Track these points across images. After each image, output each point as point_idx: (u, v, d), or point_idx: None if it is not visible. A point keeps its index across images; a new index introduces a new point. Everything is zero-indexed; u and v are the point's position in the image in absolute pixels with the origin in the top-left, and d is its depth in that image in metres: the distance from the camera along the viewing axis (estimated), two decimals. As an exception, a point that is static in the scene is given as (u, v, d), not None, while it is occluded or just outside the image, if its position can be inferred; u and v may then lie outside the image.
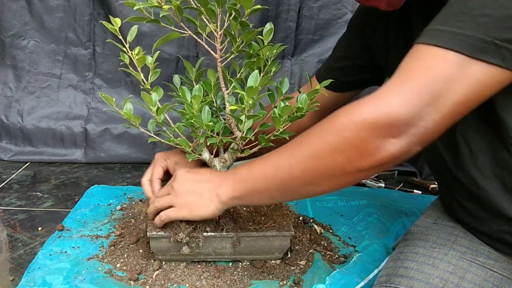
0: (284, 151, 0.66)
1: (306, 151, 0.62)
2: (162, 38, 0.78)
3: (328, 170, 0.60)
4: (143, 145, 1.45)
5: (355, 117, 0.56)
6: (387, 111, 0.54)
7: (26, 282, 0.80)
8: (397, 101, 0.54)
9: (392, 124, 0.54)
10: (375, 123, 0.54)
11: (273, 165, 0.66)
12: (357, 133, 0.56)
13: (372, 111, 0.55)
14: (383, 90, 0.56)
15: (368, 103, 0.57)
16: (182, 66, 1.39)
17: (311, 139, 0.62)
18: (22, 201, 1.17)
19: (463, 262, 0.68)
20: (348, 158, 0.57)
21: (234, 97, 0.86)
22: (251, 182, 0.69)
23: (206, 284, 0.80)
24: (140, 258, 0.87)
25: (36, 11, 1.39)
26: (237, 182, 0.71)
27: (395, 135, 0.54)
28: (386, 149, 0.55)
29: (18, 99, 1.45)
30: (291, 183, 0.64)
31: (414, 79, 0.54)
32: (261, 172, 0.68)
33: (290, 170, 0.63)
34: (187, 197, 0.75)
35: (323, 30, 1.41)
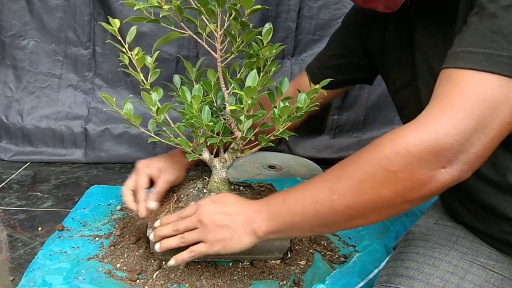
0: (322, 184, 0.62)
1: (348, 186, 0.59)
2: (162, 38, 0.78)
3: (374, 204, 0.58)
4: (143, 145, 1.45)
5: (400, 149, 0.54)
6: (434, 141, 0.52)
7: (26, 282, 0.80)
8: (443, 129, 0.52)
9: (441, 154, 0.52)
10: (424, 154, 0.53)
11: (312, 200, 0.62)
12: (405, 167, 0.54)
13: (418, 141, 0.53)
14: (425, 118, 0.55)
15: (412, 132, 0.55)
16: (182, 66, 1.39)
17: (352, 172, 0.59)
18: (22, 201, 1.17)
19: (464, 262, 0.67)
20: (396, 191, 0.55)
21: (234, 97, 0.86)
22: (288, 218, 0.65)
23: (206, 284, 0.80)
24: (140, 258, 0.87)
25: (36, 11, 1.39)
26: (273, 217, 0.67)
27: (446, 164, 0.53)
28: (437, 180, 0.54)
29: (18, 99, 1.45)
30: (334, 218, 0.61)
31: (456, 105, 0.53)
32: (299, 206, 0.64)
33: (332, 206, 0.60)
34: (219, 233, 0.71)
35: (323, 30, 1.41)
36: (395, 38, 0.79)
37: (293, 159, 1.47)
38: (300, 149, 1.52)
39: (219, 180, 0.88)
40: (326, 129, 1.53)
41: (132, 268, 0.84)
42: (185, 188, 0.92)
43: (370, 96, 1.49)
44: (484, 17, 0.53)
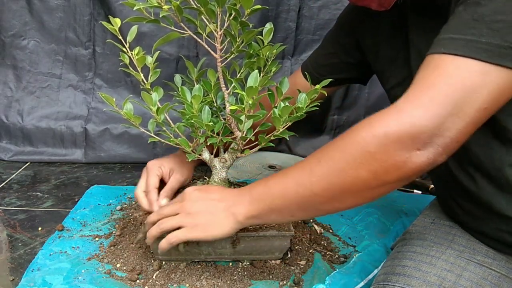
0: (303, 167, 0.64)
1: (327, 167, 0.60)
2: (162, 38, 0.78)
3: (351, 185, 0.59)
4: (143, 145, 1.45)
5: (377, 131, 0.56)
6: (411, 123, 0.53)
7: (26, 282, 0.80)
8: (420, 112, 0.53)
9: (417, 136, 0.53)
10: (400, 136, 0.54)
11: (292, 182, 0.63)
12: (382, 147, 0.55)
13: (395, 124, 0.55)
14: (403, 102, 0.56)
15: (389, 115, 0.56)
16: (182, 66, 1.39)
17: (332, 154, 0.60)
18: (22, 201, 1.17)
19: (461, 260, 0.68)
20: (373, 172, 0.56)
21: (234, 97, 0.86)
22: (268, 200, 0.66)
23: (206, 284, 0.80)
24: (140, 258, 0.87)
25: (36, 11, 1.39)
26: (254, 200, 0.67)
27: (421, 146, 0.54)
28: (413, 162, 0.54)
29: (18, 99, 1.45)
30: (313, 200, 0.62)
31: (434, 89, 0.54)
32: (280, 190, 0.65)
33: (311, 187, 0.61)
34: (199, 217, 0.71)
35: (323, 30, 1.40)
36: (389, 36, 0.79)
37: (293, 159, 1.47)
38: (300, 149, 1.52)
39: (219, 180, 0.88)
40: (326, 129, 1.53)
41: (132, 268, 0.84)
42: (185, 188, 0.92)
43: (370, 96, 1.49)
44: (468, 5, 0.54)
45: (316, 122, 1.51)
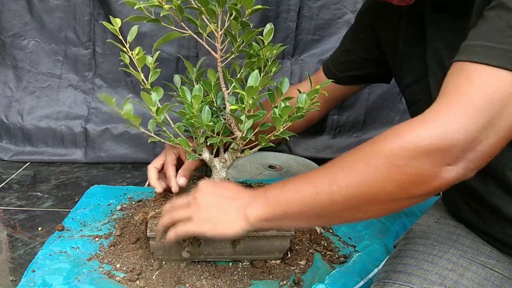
0: (323, 174, 0.60)
1: (350, 177, 0.57)
2: (162, 38, 0.78)
3: (375, 197, 0.56)
4: (143, 145, 1.45)
5: (406, 143, 0.52)
6: (442, 136, 0.50)
7: (26, 282, 0.80)
8: (452, 125, 0.50)
9: (448, 150, 0.50)
10: (431, 150, 0.51)
11: (311, 189, 0.60)
12: (411, 161, 0.52)
13: (425, 136, 0.51)
14: (434, 112, 0.53)
15: (419, 126, 0.53)
16: (182, 66, 1.39)
17: (356, 164, 0.57)
18: (22, 201, 1.17)
19: (463, 260, 0.67)
20: (399, 186, 0.54)
21: (234, 97, 0.86)
22: (284, 205, 0.63)
23: (206, 284, 0.80)
24: (140, 258, 0.87)
25: (36, 11, 1.39)
26: (269, 203, 0.65)
27: (451, 161, 0.51)
28: (442, 177, 0.52)
29: (18, 99, 1.45)
30: (332, 209, 0.59)
31: (467, 100, 0.51)
32: (297, 195, 0.62)
33: (331, 196, 0.58)
34: (210, 211, 0.69)
35: (323, 30, 1.41)
36: (407, 32, 0.78)
37: (293, 159, 1.47)
38: (300, 149, 1.52)
39: (219, 180, 0.88)
40: (326, 129, 1.53)
41: (132, 268, 0.84)
42: (185, 188, 0.92)
43: (370, 96, 1.49)
44: (502, 11, 0.51)
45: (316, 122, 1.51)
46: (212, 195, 0.70)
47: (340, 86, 0.94)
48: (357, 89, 1.00)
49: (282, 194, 0.64)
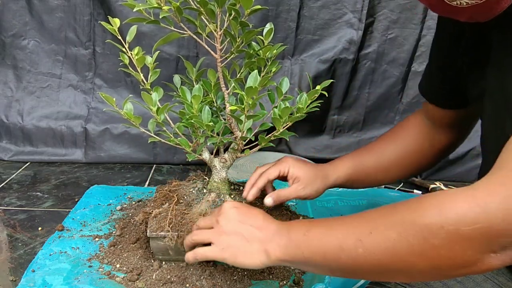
0: (351, 231, 0.55)
1: (378, 244, 0.51)
2: (162, 38, 0.78)
3: (403, 270, 0.51)
4: (143, 145, 1.45)
5: (447, 223, 0.46)
6: (489, 223, 0.44)
7: (26, 282, 0.80)
8: (503, 214, 0.44)
9: (495, 239, 0.44)
10: (474, 236, 0.45)
11: (336, 244, 0.55)
12: (450, 244, 0.46)
13: (470, 219, 0.45)
14: (483, 190, 0.46)
15: (464, 205, 0.46)
16: (182, 66, 1.39)
17: (387, 231, 0.51)
18: (22, 201, 1.17)
19: (478, 276, 0.63)
20: (433, 266, 0.48)
21: (234, 97, 0.86)
22: (306, 253, 0.59)
23: (206, 284, 0.80)
24: (140, 258, 0.87)
25: (36, 11, 1.39)
26: (291, 246, 0.60)
27: (498, 249, 0.45)
28: (484, 263, 0.46)
29: (18, 99, 1.45)
30: (355, 270, 0.55)
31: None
32: (320, 247, 0.57)
33: (356, 258, 0.53)
34: (232, 239, 0.65)
35: (323, 30, 1.41)
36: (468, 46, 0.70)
37: (293, 159, 1.47)
38: (300, 149, 1.52)
39: (219, 180, 0.88)
40: (326, 129, 1.53)
41: (132, 268, 0.84)
42: (185, 188, 0.92)
43: (370, 96, 1.49)
44: None
45: (316, 122, 1.51)
46: (236, 222, 0.67)
47: (460, 110, 0.80)
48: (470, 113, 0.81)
49: (306, 241, 0.59)
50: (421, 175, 1.42)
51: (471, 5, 0.52)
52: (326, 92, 0.80)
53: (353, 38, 1.39)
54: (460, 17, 0.57)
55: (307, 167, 0.83)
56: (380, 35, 1.41)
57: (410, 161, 0.85)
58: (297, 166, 0.82)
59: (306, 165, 0.84)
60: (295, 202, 1.13)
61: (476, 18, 0.56)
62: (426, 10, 1.37)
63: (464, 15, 0.56)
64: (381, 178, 0.88)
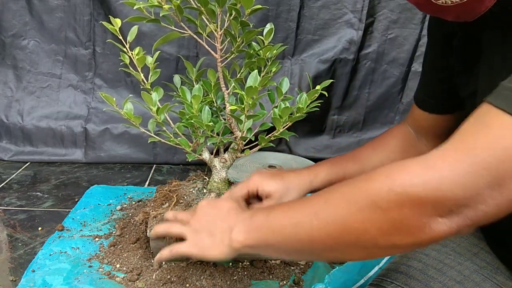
0: (308, 206, 0.55)
1: (332, 214, 0.51)
2: (162, 38, 0.78)
3: (357, 240, 0.50)
4: (143, 145, 1.45)
5: (395, 186, 0.46)
6: (437, 185, 0.44)
7: (26, 282, 0.80)
8: (452, 177, 0.44)
9: (442, 202, 0.44)
10: (421, 199, 0.45)
11: (293, 221, 0.55)
12: (397, 208, 0.46)
13: (417, 182, 0.45)
14: (437, 156, 0.46)
15: (415, 169, 0.46)
16: (182, 66, 1.39)
17: (339, 200, 0.51)
18: (22, 201, 1.17)
19: (477, 275, 0.63)
20: (383, 232, 0.48)
21: (234, 97, 0.86)
22: (266, 234, 0.58)
23: (206, 284, 0.80)
24: (140, 258, 0.87)
25: (36, 11, 1.39)
26: (253, 229, 0.60)
27: (444, 214, 0.45)
28: (431, 229, 0.46)
29: (18, 99, 1.45)
30: (311, 246, 0.54)
31: (476, 151, 0.44)
32: (279, 225, 0.57)
33: (311, 232, 0.53)
34: (200, 235, 0.66)
35: (323, 30, 1.41)
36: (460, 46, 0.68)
37: (293, 159, 1.47)
38: (300, 149, 1.52)
39: (219, 180, 0.88)
40: (326, 129, 1.53)
41: (132, 268, 0.84)
42: (185, 188, 0.92)
43: (370, 96, 1.49)
44: None
45: (316, 122, 1.51)
46: (205, 217, 0.68)
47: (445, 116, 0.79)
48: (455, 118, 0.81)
49: (266, 222, 0.59)
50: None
51: (456, 3, 0.53)
52: (326, 92, 0.80)
53: (353, 38, 1.39)
54: (447, 16, 0.57)
55: (277, 181, 0.79)
56: (380, 35, 1.41)
57: None
58: (266, 182, 0.79)
59: (276, 179, 0.80)
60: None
61: (462, 17, 0.56)
62: (426, 10, 1.37)
63: (450, 14, 0.56)
64: None
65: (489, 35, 0.60)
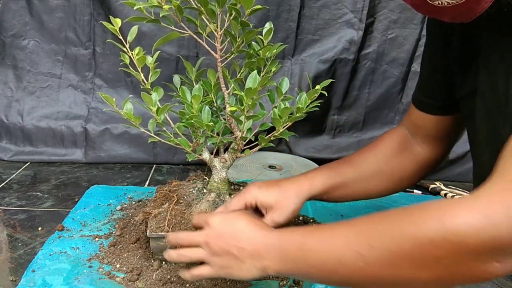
0: (349, 244, 0.53)
1: (379, 257, 0.50)
2: (162, 38, 0.78)
3: (405, 283, 0.50)
4: (143, 145, 1.45)
5: (449, 234, 0.45)
6: (494, 235, 0.43)
7: (26, 282, 0.80)
8: (508, 223, 0.43)
9: (499, 248, 0.44)
10: (477, 248, 0.44)
11: (335, 258, 0.53)
12: (453, 255, 0.45)
13: (473, 230, 0.44)
14: (484, 198, 0.45)
15: (466, 215, 0.45)
16: (182, 66, 1.39)
17: (387, 243, 0.50)
18: (22, 201, 1.17)
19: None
20: (435, 277, 0.47)
21: (234, 97, 0.86)
22: (304, 268, 0.57)
23: (206, 284, 0.80)
24: (140, 258, 0.87)
25: (36, 11, 1.39)
26: (286, 260, 0.59)
27: (501, 258, 0.44)
28: (487, 272, 0.45)
29: (18, 99, 1.45)
30: (355, 282, 0.54)
31: None
32: (318, 260, 0.55)
33: (356, 271, 0.52)
34: (225, 260, 0.64)
35: (324, 30, 1.41)
36: (459, 46, 0.69)
37: (293, 159, 1.47)
38: (300, 149, 1.52)
39: (219, 180, 0.88)
40: (326, 129, 1.53)
41: (132, 268, 0.84)
42: (185, 188, 0.92)
43: (370, 96, 1.49)
44: None
45: (316, 122, 1.51)
46: (225, 241, 0.65)
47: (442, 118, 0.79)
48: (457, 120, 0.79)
49: (301, 255, 0.57)
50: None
51: (452, 5, 0.53)
52: (326, 92, 0.80)
53: (353, 38, 1.39)
54: (443, 17, 0.57)
55: (275, 191, 0.79)
56: (380, 35, 1.41)
57: (390, 175, 0.83)
58: (264, 193, 0.78)
59: (273, 189, 0.79)
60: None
61: (459, 18, 0.56)
62: (426, 10, 1.37)
63: (446, 16, 0.56)
64: (360, 192, 0.83)
65: (486, 36, 0.60)
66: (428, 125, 0.79)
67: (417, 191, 1.31)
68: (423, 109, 0.79)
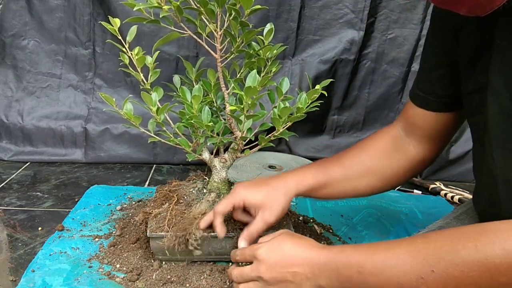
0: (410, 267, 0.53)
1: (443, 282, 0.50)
2: (162, 38, 0.78)
3: None
4: (143, 145, 1.45)
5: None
6: None
7: (26, 282, 0.80)
8: None
9: None
10: None
11: (395, 282, 0.54)
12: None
13: None
14: None
15: None
16: (182, 66, 1.39)
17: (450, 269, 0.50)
18: (22, 201, 1.17)
19: None
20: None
21: (234, 97, 0.86)
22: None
23: (206, 284, 0.80)
24: (140, 258, 0.87)
25: (36, 11, 1.39)
26: (345, 281, 0.59)
27: None
28: None
29: (18, 99, 1.45)
30: None
31: None
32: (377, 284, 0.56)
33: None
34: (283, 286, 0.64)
35: (324, 30, 1.41)
36: (469, 38, 0.67)
37: (293, 159, 1.47)
38: (300, 149, 1.52)
39: (219, 180, 0.88)
40: (326, 129, 1.53)
41: (132, 269, 0.84)
42: (185, 188, 0.92)
43: (370, 96, 1.49)
44: None
45: (316, 122, 1.51)
46: (278, 269, 0.65)
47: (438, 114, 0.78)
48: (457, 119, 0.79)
49: (362, 278, 0.57)
50: (421, 175, 1.42)
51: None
52: (326, 92, 0.80)
53: (354, 38, 1.39)
54: (459, 10, 0.57)
55: (263, 191, 0.79)
56: (380, 35, 1.41)
57: (380, 175, 0.82)
58: (252, 193, 0.78)
59: (261, 189, 0.79)
60: (295, 202, 1.13)
61: (475, 11, 0.56)
62: (426, 10, 1.37)
63: (463, 8, 0.56)
64: (349, 191, 0.83)
65: (501, 30, 0.59)
66: (425, 122, 0.78)
67: (417, 191, 1.31)
68: (422, 105, 0.78)
